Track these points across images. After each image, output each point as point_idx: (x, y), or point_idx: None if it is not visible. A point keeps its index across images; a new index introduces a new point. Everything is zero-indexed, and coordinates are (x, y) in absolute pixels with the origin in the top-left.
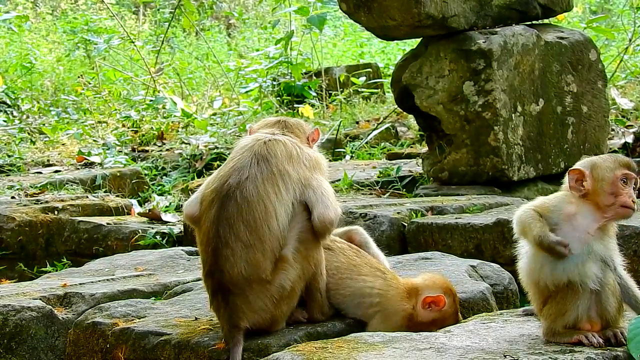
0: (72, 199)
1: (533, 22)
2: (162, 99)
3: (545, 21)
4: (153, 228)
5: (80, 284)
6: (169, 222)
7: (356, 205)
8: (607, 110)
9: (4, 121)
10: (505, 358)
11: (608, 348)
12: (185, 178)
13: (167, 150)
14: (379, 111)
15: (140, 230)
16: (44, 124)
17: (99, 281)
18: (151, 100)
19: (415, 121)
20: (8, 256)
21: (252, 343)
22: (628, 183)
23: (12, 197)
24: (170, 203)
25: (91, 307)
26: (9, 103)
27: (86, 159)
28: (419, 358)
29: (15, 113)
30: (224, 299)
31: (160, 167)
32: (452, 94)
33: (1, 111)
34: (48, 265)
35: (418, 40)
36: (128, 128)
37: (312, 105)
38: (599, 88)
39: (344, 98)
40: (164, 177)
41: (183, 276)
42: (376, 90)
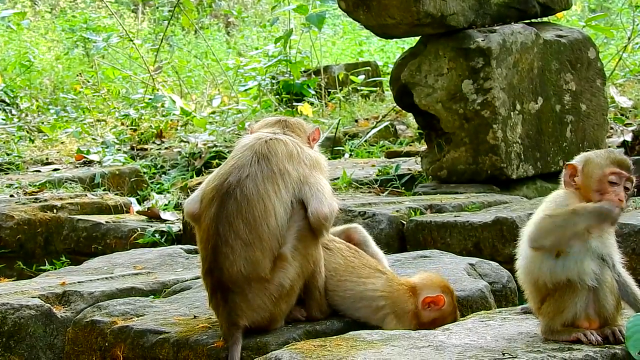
0: (71, 198)
1: (532, 21)
2: (161, 97)
3: (544, 19)
4: (152, 226)
5: (79, 282)
6: (168, 221)
7: (355, 203)
8: (606, 108)
9: (3, 119)
10: (503, 356)
11: (606, 346)
12: (184, 176)
13: (166, 148)
14: (378, 109)
15: (139, 228)
16: (43, 123)
17: (98, 279)
18: (150, 98)
19: (414, 119)
20: (7, 254)
21: (251, 341)
22: (618, 182)
23: (11, 196)
24: (169, 201)
25: (90, 306)
26: (8, 101)
27: (85, 158)
28: (418, 356)
29: (14, 111)
30: (223, 297)
31: (159, 166)
32: (451, 93)
33: (0, 109)
34: (47, 263)
35: (417, 38)
36: (127, 126)
37: (311, 103)
38: (598, 86)
39: (343, 96)
40: (163, 176)
41: (182, 274)
42: (375, 88)
